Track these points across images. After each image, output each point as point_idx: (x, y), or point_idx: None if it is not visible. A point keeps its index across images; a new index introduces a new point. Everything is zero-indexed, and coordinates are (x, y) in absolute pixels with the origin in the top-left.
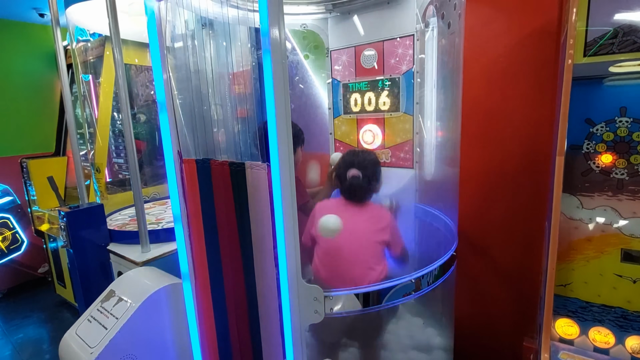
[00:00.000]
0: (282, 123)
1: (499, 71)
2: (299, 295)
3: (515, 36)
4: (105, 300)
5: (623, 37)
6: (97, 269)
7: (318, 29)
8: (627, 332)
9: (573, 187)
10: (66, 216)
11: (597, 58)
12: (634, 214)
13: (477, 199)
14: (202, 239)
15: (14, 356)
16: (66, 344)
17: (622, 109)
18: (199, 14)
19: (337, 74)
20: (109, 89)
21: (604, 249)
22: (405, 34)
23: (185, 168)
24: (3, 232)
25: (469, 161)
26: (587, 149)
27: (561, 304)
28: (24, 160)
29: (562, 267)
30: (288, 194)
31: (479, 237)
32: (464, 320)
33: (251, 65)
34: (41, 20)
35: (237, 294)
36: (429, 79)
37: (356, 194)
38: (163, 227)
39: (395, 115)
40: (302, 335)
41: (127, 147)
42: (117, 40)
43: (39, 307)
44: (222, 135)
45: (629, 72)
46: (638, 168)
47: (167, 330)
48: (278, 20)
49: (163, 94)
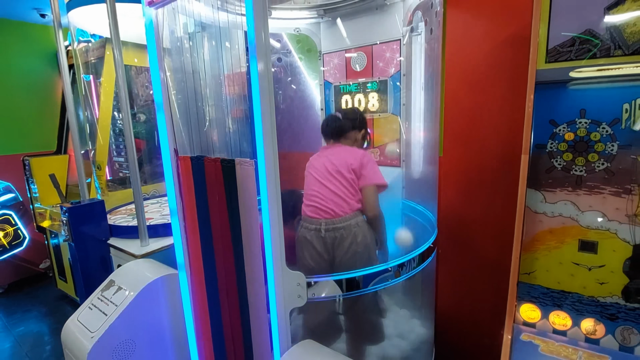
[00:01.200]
0: (267, 123)
1: (479, 74)
2: (283, 281)
3: (492, 42)
4: (106, 289)
5: (579, 45)
6: (97, 262)
7: (311, 32)
8: (582, 315)
9: (538, 183)
10: (68, 211)
11: (557, 64)
12: (590, 207)
13: (459, 194)
14: (197, 231)
15: (15, 348)
16: (68, 330)
17: (581, 111)
18: (196, 18)
19: (329, 76)
20: (109, 89)
21: (564, 240)
22: (393, 39)
23: (181, 165)
24: (5, 228)
25: (452, 159)
26: (550, 148)
27: (526, 290)
28: (26, 158)
29: (527, 257)
30: (273, 188)
31: (461, 231)
32: (447, 310)
33: (246, 68)
34: (42, 21)
35: (228, 282)
36: (415, 82)
37: (329, 127)
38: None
39: (383, 115)
40: (286, 318)
41: (127, 145)
42: (118, 42)
43: (40, 301)
44: (215, 134)
45: (587, 77)
46: (594, 165)
47: (163, 317)
48: (262, 26)
49: (160, 94)
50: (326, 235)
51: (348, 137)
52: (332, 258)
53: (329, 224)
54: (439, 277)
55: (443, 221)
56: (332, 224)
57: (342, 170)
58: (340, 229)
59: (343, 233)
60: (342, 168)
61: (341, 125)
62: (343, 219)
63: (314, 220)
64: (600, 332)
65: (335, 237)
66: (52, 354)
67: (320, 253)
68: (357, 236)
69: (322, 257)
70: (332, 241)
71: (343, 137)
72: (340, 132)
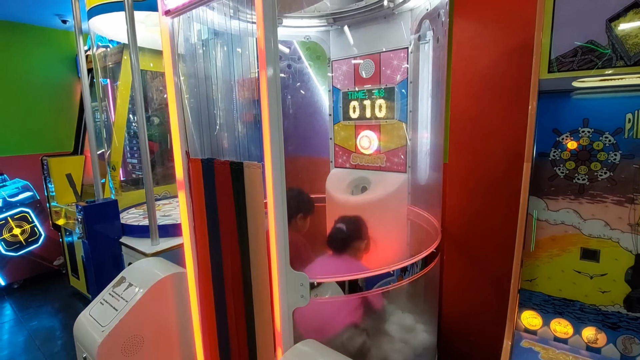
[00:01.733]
0: (274, 127)
1: (484, 83)
2: (287, 281)
3: (498, 51)
4: (117, 285)
5: (581, 55)
6: (109, 260)
7: (320, 40)
8: (583, 323)
9: (540, 190)
10: (83, 210)
11: (560, 74)
12: (593, 215)
13: (463, 201)
14: (205, 231)
15: (29, 342)
16: (80, 323)
17: (584, 120)
18: (210, 26)
19: (337, 83)
20: (125, 92)
21: (566, 248)
22: (400, 47)
23: (191, 167)
24: (22, 225)
25: (457, 166)
26: (553, 156)
27: (527, 297)
28: (45, 158)
29: (529, 264)
30: (279, 190)
31: (465, 237)
32: (450, 316)
33: (257, 73)
34: (63, 26)
35: (234, 282)
36: (422, 89)
37: (334, 242)
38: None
39: (390, 122)
40: (290, 317)
41: (141, 147)
42: (135, 48)
43: (53, 297)
44: (225, 137)
45: (590, 87)
46: (597, 174)
47: (171, 313)
48: (272, 34)
49: (174, 98)
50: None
51: (353, 247)
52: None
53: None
54: (444, 283)
55: (448, 227)
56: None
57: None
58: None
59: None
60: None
61: (346, 237)
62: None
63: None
64: (601, 341)
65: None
66: (63, 349)
67: None
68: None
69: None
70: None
71: (349, 247)
72: (346, 244)
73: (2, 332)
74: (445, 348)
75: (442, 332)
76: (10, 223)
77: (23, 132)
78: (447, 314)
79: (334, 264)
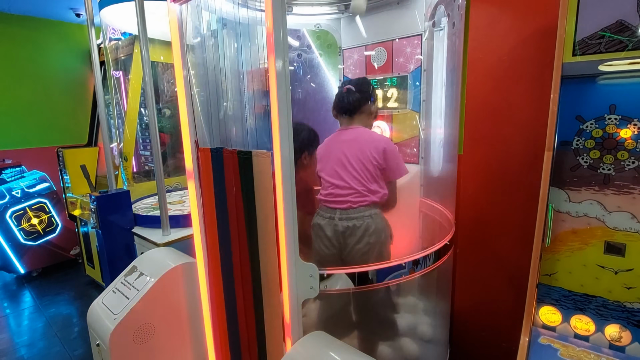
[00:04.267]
0: (283, 115)
1: (503, 70)
2: (296, 272)
3: (518, 36)
4: (129, 274)
5: (609, 37)
6: (122, 249)
7: (331, 28)
8: (606, 320)
9: (562, 181)
10: (96, 200)
11: (586, 57)
12: (619, 207)
13: (479, 193)
14: (215, 221)
15: (47, 328)
16: (94, 311)
17: (611, 107)
18: (219, 14)
19: (349, 72)
20: (137, 85)
21: (588, 241)
22: (414, 34)
23: (200, 156)
24: (40, 215)
25: (472, 157)
26: (576, 145)
27: (546, 292)
28: (60, 150)
29: (548, 258)
30: (288, 179)
31: (480, 230)
32: (463, 310)
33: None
34: (77, 20)
35: (243, 271)
36: (436, 77)
37: (346, 102)
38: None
39: (402, 112)
40: (299, 308)
41: (152, 139)
42: (145, 39)
43: (69, 286)
44: (234, 127)
45: (619, 71)
46: (624, 164)
47: (181, 303)
48: (281, 23)
49: (183, 89)
50: (339, 224)
51: (364, 110)
52: (344, 247)
53: (342, 214)
54: (457, 276)
55: (462, 220)
56: (347, 214)
57: (364, 161)
58: (353, 219)
59: (356, 223)
60: (364, 159)
61: (358, 98)
62: (357, 210)
63: (329, 210)
64: (626, 339)
65: (347, 226)
66: (79, 336)
67: (332, 241)
68: (369, 227)
69: (334, 245)
70: (344, 230)
71: (359, 111)
72: (357, 106)
73: (22, 318)
74: (458, 343)
75: (454, 326)
76: (28, 213)
77: (40, 124)
78: (459, 308)
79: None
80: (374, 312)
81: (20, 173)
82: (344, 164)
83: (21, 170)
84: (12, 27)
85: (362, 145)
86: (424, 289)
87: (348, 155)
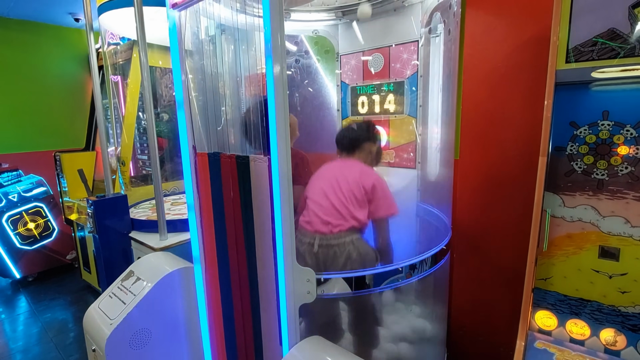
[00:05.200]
0: (280, 121)
1: (498, 76)
2: (293, 277)
3: (513, 43)
4: (125, 279)
5: (602, 44)
6: (119, 254)
7: (328, 34)
8: (602, 324)
9: (556, 186)
10: (93, 204)
11: (579, 64)
12: (613, 212)
13: (475, 197)
14: (212, 225)
15: (42, 333)
16: (90, 316)
17: (604, 113)
18: (217, 20)
19: (346, 78)
20: (135, 89)
21: (583, 246)
22: (411, 40)
23: (198, 161)
24: (36, 219)
25: (468, 162)
26: (570, 151)
27: (541, 296)
28: (57, 154)
29: (543, 262)
30: (285, 184)
31: (476, 235)
32: (460, 314)
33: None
34: (76, 25)
35: (240, 276)
36: (432, 83)
37: (345, 137)
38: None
39: (399, 117)
40: (296, 313)
41: (150, 143)
42: (144, 44)
43: (65, 291)
44: (232, 132)
45: (611, 78)
46: (617, 169)
47: (178, 308)
48: (279, 29)
49: (181, 94)
50: (319, 251)
51: (363, 148)
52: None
53: (322, 240)
54: (453, 281)
55: (458, 225)
56: (326, 239)
57: (352, 186)
58: (334, 246)
59: (337, 251)
60: (353, 185)
61: (357, 136)
62: (338, 235)
63: (307, 234)
64: (621, 344)
65: (327, 253)
66: (75, 341)
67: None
68: (351, 255)
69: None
70: (324, 258)
71: (358, 148)
72: (356, 142)
73: (17, 323)
74: (455, 347)
75: (451, 330)
76: (25, 217)
77: (37, 129)
78: (456, 312)
79: (340, 166)
80: (369, 316)
81: (17, 177)
82: (332, 184)
83: (18, 174)
84: (11, 31)
85: (354, 173)
86: (420, 293)
87: (338, 177)
